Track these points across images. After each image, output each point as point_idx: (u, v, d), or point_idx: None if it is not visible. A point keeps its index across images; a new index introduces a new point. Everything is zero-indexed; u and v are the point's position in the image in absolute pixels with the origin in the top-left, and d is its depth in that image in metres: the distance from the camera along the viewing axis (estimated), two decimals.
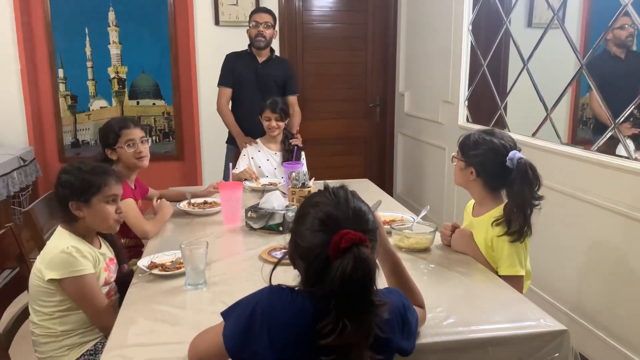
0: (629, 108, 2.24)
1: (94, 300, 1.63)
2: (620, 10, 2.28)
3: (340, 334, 1.00)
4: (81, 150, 4.52)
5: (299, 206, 1.17)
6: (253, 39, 3.40)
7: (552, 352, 1.37)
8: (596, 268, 2.38)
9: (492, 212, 1.79)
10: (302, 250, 1.09)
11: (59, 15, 4.26)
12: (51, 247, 1.65)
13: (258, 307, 1.10)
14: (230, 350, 1.11)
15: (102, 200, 1.70)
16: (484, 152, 1.78)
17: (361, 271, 1.01)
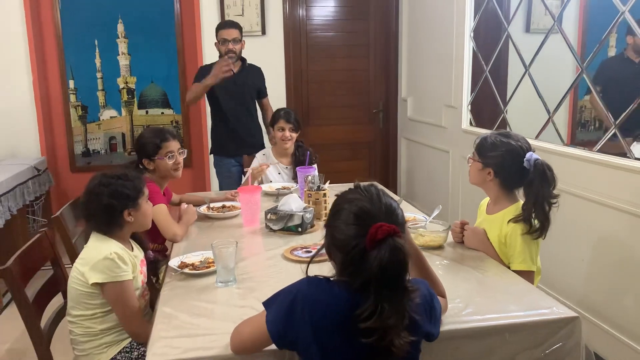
0: (629, 109, 2.35)
1: (128, 306, 1.70)
2: (618, 16, 2.39)
3: (379, 316, 1.10)
4: (92, 159, 4.62)
5: (332, 203, 1.27)
6: (224, 56, 3.40)
7: (564, 338, 1.47)
8: (601, 264, 2.48)
9: (507, 210, 1.89)
10: (339, 243, 1.18)
11: (69, 28, 4.38)
12: (94, 252, 1.70)
13: (298, 295, 1.20)
14: (274, 335, 1.21)
15: (145, 200, 1.83)
16: (502, 154, 1.87)
17: (397, 259, 1.11)
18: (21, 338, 2.97)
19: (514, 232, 1.83)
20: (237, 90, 3.49)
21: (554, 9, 3.15)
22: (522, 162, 1.82)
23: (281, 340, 1.22)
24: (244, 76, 3.53)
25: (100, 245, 1.73)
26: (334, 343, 1.18)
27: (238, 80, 3.51)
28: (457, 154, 3.80)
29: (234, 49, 3.41)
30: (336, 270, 1.23)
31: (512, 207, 1.89)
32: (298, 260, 1.91)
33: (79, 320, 1.74)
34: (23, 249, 1.78)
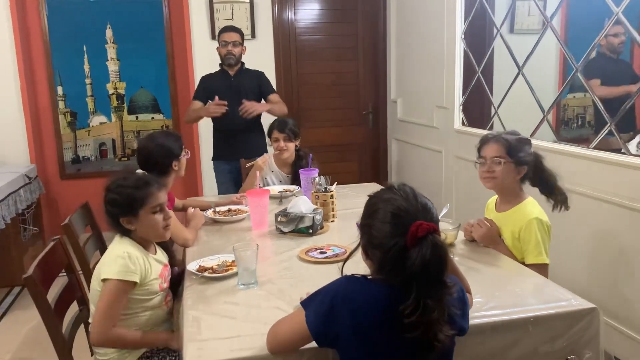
0: (623, 107, 2.43)
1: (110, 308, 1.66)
2: (612, 18, 2.47)
3: (423, 311, 1.13)
4: (82, 166, 4.57)
5: (367, 203, 1.30)
6: (223, 58, 3.55)
7: (584, 329, 1.53)
8: (601, 258, 2.56)
9: (518, 207, 1.97)
10: (378, 241, 1.21)
11: (56, 34, 4.34)
12: (110, 252, 1.75)
13: (339, 294, 1.23)
14: (315, 334, 1.24)
15: (149, 211, 1.77)
16: (532, 151, 1.99)
17: (438, 256, 1.15)
18: (23, 347, 2.94)
19: (529, 226, 1.89)
20: (233, 95, 3.50)
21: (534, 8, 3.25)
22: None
23: (322, 338, 1.25)
24: (241, 78, 3.57)
25: (117, 245, 1.77)
26: (374, 339, 1.21)
27: (234, 83, 3.55)
28: (450, 153, 3.86)
29: (233, 52, 3.50)
30: (373, 269, 1.26)
31: (522, 204, 1.97)
32: (314, 261, 1.94)
33: None
34: (41, 257, 1.77)
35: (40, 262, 1.74)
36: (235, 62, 3.54)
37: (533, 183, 2.00)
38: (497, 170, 2.00)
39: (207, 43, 4.35)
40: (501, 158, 1.99)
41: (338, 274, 1.31)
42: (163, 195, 1.85)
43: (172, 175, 2.40)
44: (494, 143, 2.02)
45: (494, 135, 2.03)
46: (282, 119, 3.19)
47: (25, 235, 3.90)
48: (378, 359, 1.22)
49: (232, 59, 3.51)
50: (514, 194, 2.01)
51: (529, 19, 3.98)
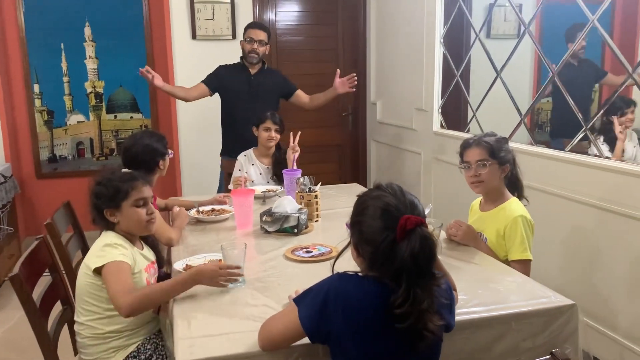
0: (599, 112, 2.51)
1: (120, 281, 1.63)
2: (587, 25, 2.55)
3: (413, 301, 1.18)
4: (58, 165, 4.51)
5: (357, 202, 1.33)
6: (246, 54, 3.51)
7: (564, 324, 1.58)
8: (575, 257, 2.64)
9: (502, 206, 2.04)
10: (368, 237, 1.25)
11: (33, 31, 4.27)
12: (97, 244, 1.76)
13: (331, 291, 1.25)
14: (308, 330, 1.26)
15: (132, 204, 1.79)
16: (509, 148, 2.06)
17: (427, 247, 1.20)
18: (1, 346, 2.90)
19: (514, 224, 1.95)
20: (251, 94, 3.51)
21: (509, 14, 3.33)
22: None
23: (315, 334, 1.27)
24: (261, 78, 3.56)
25: (102, 237, 1.79)
26: (367, 335, 1.24)
27: (254, 82, 3.54)
28: (428, 155, 3.93)
29: (258, 50, 3.48)
30: (365, 265, 1.29)
31: (506, 203, 2.04)
32: (301, 260, 1.96)
33: (87, 322, 1.74)
34: (25, 256, 1.76)
35: (25, 261, 1.73)
36: (257, 61, 3.51)
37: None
38: (483, 173, 2.05)
39: (188, 42, 4.34)
40: (485, 161, 2.03)
41: (324, 273, 1.34)
42: (147, 190, 1.86)
43: (157, 175, 2.41)
44: (476, 147, 2.06)
45: (475, 139, 2.08)
46: (273, 111, 3.21)
47: (0, 235, 3.83)
48: (370, 354, 1.25)
49: (255, 57, 3.48)
50: (499, 194, 2.07)
51: (504, 25, 4.08)
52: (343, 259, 1.38)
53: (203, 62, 4.34)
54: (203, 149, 4.38)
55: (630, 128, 2.94)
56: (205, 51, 4.37)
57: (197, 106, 4.35)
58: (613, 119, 2.91)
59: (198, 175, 4.44)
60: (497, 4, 3.46)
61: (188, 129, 4.41)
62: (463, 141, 2.14)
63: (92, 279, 1.71)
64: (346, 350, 1.26)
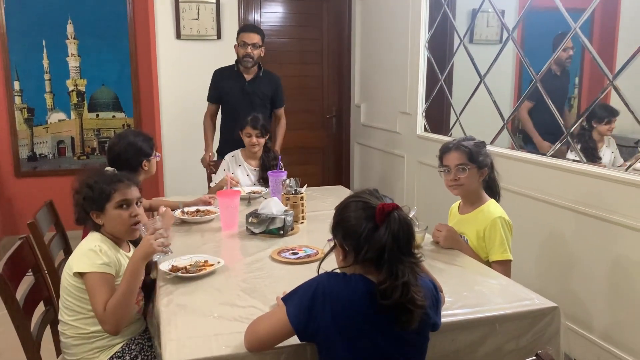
0: (580, 119, 2.56)
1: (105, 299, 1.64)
2: (570, 33, 2.60)
3: (396, 276, 1.24)
4: (38, 164, 4.45)
5: (337, 209, 1.37)
6: (240, 59, 3.47)
7: (546, 326, 1.61)
8: (551, 259, 2.69)
9: (481, 208, 2.08)
10: (352, 229, 1.29)
11: (14, 28, 4.21)
12: (81, 245, 1.75)
13: (319, 289, 1.28)
14: (296, 327, 1.28)
15: (114, 206, 1.78)
16: (487, 152, 2.10)
17: (405, 227, 1.27)
18: None
19: (493, 225, 1.98)
20: (246, 97, 3.49)
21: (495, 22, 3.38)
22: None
23: (303, 331, 1.29)
24: (256, 84, 3.53)
25: (88, 239, 1.78)
26: (354, 332, 1.26)
27: (248, 88, 3.51)
28: (412, 159, 3.96)
29: (252, 54, 3.42)
30: (350, 260, 1.31)
31: (484, 205, 2.09)
32: (287, 262, 1.97)
33: (70, 321, 1.73)
34: (8, 256, 1.74)
35: (8, 261, 1.71)
36: (252, 65, 3.47)
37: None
38: (462, 177, 2.08)
39: (172, 42, 4.32)
40: (465, 165, 2.07)
41: (311, 275, 1.36)
42: (132, 191, 1.84)
43: (142, 175, 2.40)
44: (456, 151, 2.10)
45: (454, 143, 2.11)
46: (254, 115, 3.19)
47: None
48: (358, 352, 1.27)
49: (249, 61, 3.43)
50: (477, 197, 2.11)
51: (487, 30, 4.15)
52: (327, 262, 1.40)
53: (187, 61, 4.35)
54: (186, 149, 4.35)
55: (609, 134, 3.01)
56: (190, 51, 4.35)
57: (179, 106, 4.35)
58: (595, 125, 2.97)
59: (180, 175, 4.42)
60: (481, 9, 3.51)
61: (171, 128, 4.39)
62: (442, 145, 2.18)
63: (74, 281, 1.70)
64: (334, 349, 1.27)
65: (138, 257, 1.66)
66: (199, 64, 4.37)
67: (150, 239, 1.67)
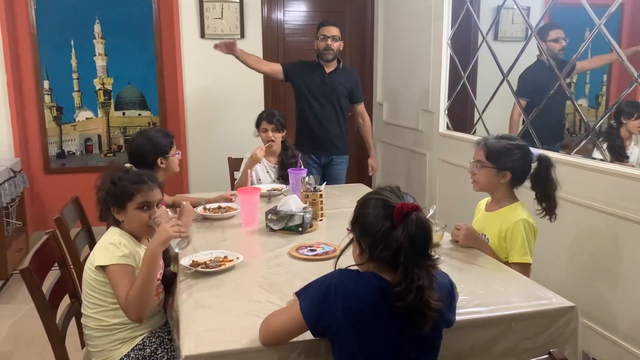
0: (603, 116, 2.52)
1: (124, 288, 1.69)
2: (594, 30, 2.56)
3: (411, 279, 1.24)
4: (67, 161, 4.56)
5: (357, 204, 1.38)
6: (321, 52, 3.56)
7: (564, 326, 1.60)
8: (580, 260, 2.65)
9: (508, 208, 2.05)
10: (369, 226, 1.30)
11: (44, 28, 4.32)
12: (103, 239, 1.80)
13: (332, 284, 1.30)
14: (310, 321, 1.30)
15: (135, 206, 1.81)
16: (521, 156, 2.01)
17: (423, 228, 1.27)
18: (5, 341, 2.94)
19: (516, 227, 1.96)
20: (324, 91, 3.56)
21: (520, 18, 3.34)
22: (531, 160, 2.00)
23: (316, 326, 1.31)
24: (336, 77, 3.60)
25: (108, 233, 1.83)
26: (366, 328, 1.28)
27: (328, 81, 3.58)
28: (434, 157, 3.94)
29: (332, 46, 3.52)
30: (366, 256, 1.32)
31: (512, 206, 2.05)
32: (305, 259, 1.99)
33: (93, 313, 1.78)
34: (35, 250, 1.79)
35: (35, 254, 1.76)
36: (332, 57, 3.56)
37: (532, 186, 2.05)
38: (477, 174, 2.08)
39: (197, 41, 4.37)
40: (481, 163, 2.06)
41: (328, 271, 1.38)
42: (155, 194, 1.86)
43: (160, 172, 2.43)
44: (479, 147, 2.09)
45: (483, 139, 2.09)
46: (270, 111, 3.24)
47: (9, 229, 3.87)
48: (369, 348, 1.29)
49: (330, 54, 3.53)
50: (503, 197, 2.08)
51: (512, 27, 4.09)
52: (345, 257, 1.42)
53: (211, 61, 4.39)
54: (210, 146, 4.42)
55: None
56: (214, 50, 4.39)
57: (204, 104, 4.42)
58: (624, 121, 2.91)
59: (205, 172, 4.47)
60: (505, 6, 3.47)
61: (195, 126, 4.45)
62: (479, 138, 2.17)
63: (95, 274, 1.75)
64: (346, 344, 1.29)
65: (155, 244, 1.71)
66: (222, 63, 4.40)
67: (166, 226, 1.71)
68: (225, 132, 4.42)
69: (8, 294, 3.50)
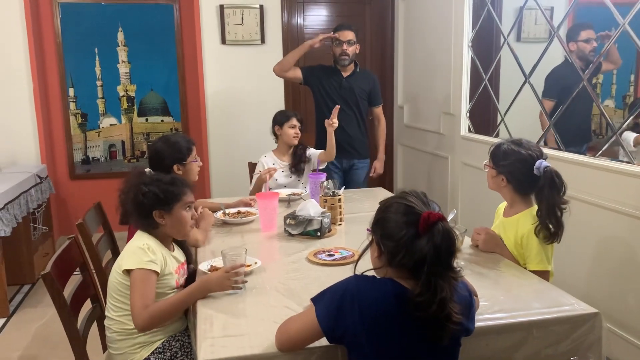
0: (629, 117, 2.47)
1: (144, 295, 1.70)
2: (618, 29, 2.50)
3: (434, 290, 1.22)
4: (91, 167, 4.64)
5: (380, 204, 1.37)
6: (337, 58, 3.57)
7: (586, 333, 1.56)
8: (603, 264, 2.60)
9: (522, 214, 2.00)
10: (390, 231, 1.28)
11: (69, 36, 4.41)
12: (130, 244, 1.82)
13: (348, 290, 1.29)
14: (326, 328, 1.29)
15: (182, 207, 1.86)
16: (513, 162, 1.96)
17: (448, 240, 1.24)
18: (32, 345, 2.99)
19: (530, 234, 1.92)
20: (343, 95, 3.57)
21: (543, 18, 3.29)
22: (532, 169, 1.91)
23: (332, 332, 1.30)
24: (353, 80, 3.62)
25: (136, 238, 1.84)
26: (383, 334, 1.26)
27: (345, 85, 3.60)
28: (456, 160, 3.90)
29: (348, 51, 3.52)
30: (384, 261, 1.31)
31: (527, 211, 1.99)
32: (323, 264, 1.98)
33: (117, 317, 1.80)
34: (57, 255, 1.82)
35: (57, 259, 1.79)
36: (349, 62, 3.57)
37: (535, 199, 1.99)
38: (487, 174, 2.09)
39: (218, 47, 4.42)
40: (488, 163, 2.07)
41: (346, 276, 1.36)
42: (193, 195, 1.94)
43: None
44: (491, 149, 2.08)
45: (500, 141, 2.07)
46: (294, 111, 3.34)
47: (35, 234, 3.96)
48: (386, 355, 1.27)
49: (346, 59, 3.54)
50: (514, 202, 2.04)
51: (535, 28, 4.02)
52: (364, 261, 1.40)
53: (232, 66, 4.44)
54: (232, 152, 4.45)
55: None
56: (235, 56, 4.44)
57: (225, 110, 4.45)
58: None
59: (226, 177, 4.51)
60: (528, 6, 3.42)
61: (217, 131, 4.49)
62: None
63: (122, 278, 1.77)
64: (362, 351, 1.28)
65: (205, 287, 1.71)
66: (243, 69, 4.46)
67: (225, 277, 1.69)
68: (246, 137, 4.45)
69: (35, 297, 3.57)
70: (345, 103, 3.56)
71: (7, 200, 3.39)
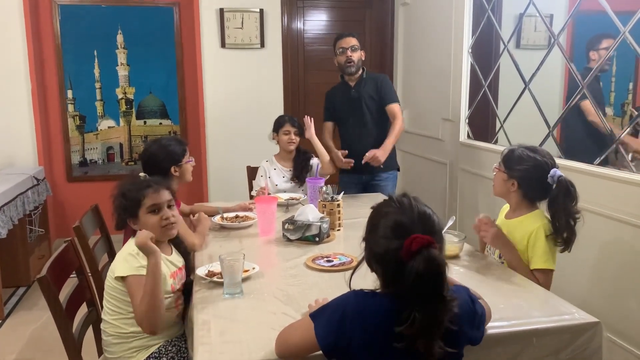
0: (628, 125, 2.46)
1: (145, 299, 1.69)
2: (619, 37, 2.50)
3: (411, 324, 1.16)
4: (89, 169, 4.62)
5: (369, 217, 1.32)
6: (343, 66, 3.39)
7: (587, 342, 1.55)
8: (604, 273, 2.58)
9: (527, 216, 2.00)
10: (378, 257, 1.25)
11: (68, 39, 4.40)
12: (122, 251, 1.81)
13: (348, 308, 1.26)
14: (324, 347, 1.26)
15: (145, 211, 1.84)
16: (528, 168, 1.95)
17: (432, 270, 1.16)
18: (26, 348, 2.97)
19: (539, 231, 1.92)
20: (353, 103, 3.43)
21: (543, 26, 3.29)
22: (546, 177, 1.91)
23: (332, 351, 1.27)
24: (361, 88, 3.44)
25: (128, 244, 1.83)
26: (384, 350, 1.23)
27: (354, 95, 3.42)
28: (455, 166, 3.90)
29: (352, 57, 3.35)
30: (380, 282, 1.29)
31: (531, 214, 2.00)
32: (321, 269, 1.97)
33: (112, 320, 1.79)
34: (53, 258, 1.81)
35: (53, 263, 1.77)
36: (355, 70, 3.38)
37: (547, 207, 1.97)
38: (495, 177, 2.09)
39: (217, 51, 4.41)
40: (498, 166, 2.06)
41: (345, 282, 1.34)
42: (160, 195, 1.87)
43: (174, 180, 2.44)
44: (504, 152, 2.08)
45: (512, 146, 2.07)
46: (289, 115, 3.32)
47: (32, 236, 3.93)
48: None
49: (351, 66, 3.35)
50: (518, 206, 2.04)
51: (535, 35, 4.03)
52: (360, 273, 1.36)
53: (231, 70, 4.43)
54: (230, 156, 4.44)
55: None
56: (234, 60, 4.44)
57: (224, 114, 4.44)
58: None
59: (224, 181, 4.49)
60: (528, 14, 3.42)
61: (216, 135, 4.48)
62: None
63: (116, 284, 1.77)
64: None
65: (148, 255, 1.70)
66: (243, 73, 4.46)
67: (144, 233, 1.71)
68: (245, 141, 4.44)
69: (30, 300, 3.55)
70: (355, 114, 3.40)
71: (4, 201, 3.37)
